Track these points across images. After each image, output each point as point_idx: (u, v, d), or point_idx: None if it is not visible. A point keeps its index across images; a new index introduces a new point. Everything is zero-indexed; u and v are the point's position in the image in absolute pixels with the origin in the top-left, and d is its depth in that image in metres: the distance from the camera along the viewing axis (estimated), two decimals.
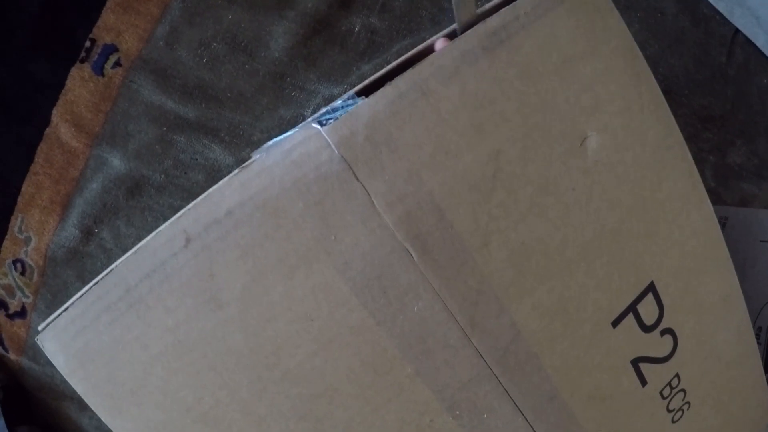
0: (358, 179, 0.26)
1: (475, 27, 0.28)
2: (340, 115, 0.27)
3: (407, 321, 0.28)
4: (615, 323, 0.32)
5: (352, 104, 0.27)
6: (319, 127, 0.26)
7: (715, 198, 0.50)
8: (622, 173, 0.31)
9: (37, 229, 0.50)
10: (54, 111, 0.47)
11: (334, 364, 0.28)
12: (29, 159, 0.48)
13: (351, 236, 0.27)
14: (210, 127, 0.47)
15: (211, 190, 0.27)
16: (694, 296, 0.35)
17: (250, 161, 0.27)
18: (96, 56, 0.46)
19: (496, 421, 0.31)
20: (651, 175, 0.32)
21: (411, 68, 0.27)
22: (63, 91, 0.46)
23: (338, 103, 0.28)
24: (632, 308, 0.33)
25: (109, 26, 0.45)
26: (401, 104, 0.27)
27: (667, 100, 0.37)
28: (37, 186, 0.48)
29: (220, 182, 0.27)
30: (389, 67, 0.28)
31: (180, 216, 0.27)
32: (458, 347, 0.29)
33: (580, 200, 0.30)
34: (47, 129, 0.47)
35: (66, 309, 0.28)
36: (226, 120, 0.47)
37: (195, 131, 0.48)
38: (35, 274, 0.52)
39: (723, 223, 0.48)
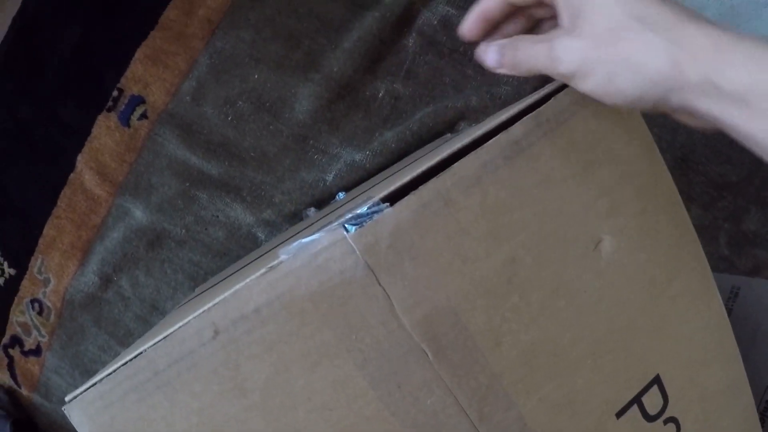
0: (380, 284, 0.29)
1: (498, 136, 0.31)
2: (365, 222, 0.29)
3: (420, 413, 0.31)
4: (619, 414, 0.35)
5: (377, 210, 0.30)
6: (345, 233, 0.29)
7: (729, 265, 0.53)
8: (634, 273, 0.34)
9: (57, 272, 0.53)
10: (79, 157, 0.49)
11: None
12: (52, 202, 0.51)
13: (371, 336, 0.30)
14: (232, 185, 0.50)
15: (239, 286, 0.30)
16: (699, 386, 0.38)
17: (277, 261, 0.29)
18: (123, 106, 0.49)
19: None
20: (663, 273, 0.35)
21: (435, 178, 0.30)
22: (89, 138, 0.49)
23: (364, 209, 0.30)
24: (637, 400, 0.35)
25: (137, 77, 0.48)
26: (424, 214, 0.29)
27: (685, 168, 0.39)
28: (59, 229, 0.51)
29: (249, 279, 0.30)
30: (413, 174, 0.31)
31: (209, 309, 0.30)
32: None
33: (591, 301, 0.33)
34: (72, 174, 0.50)
35: (94, 384, 0.31)
36: (249, 179, 0.50)
37: (217, 188, 0.51)
38: (52, 315, 0.55)
39: (735, 293, 0.51)
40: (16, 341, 0.56)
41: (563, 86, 0.32)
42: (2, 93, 0.49)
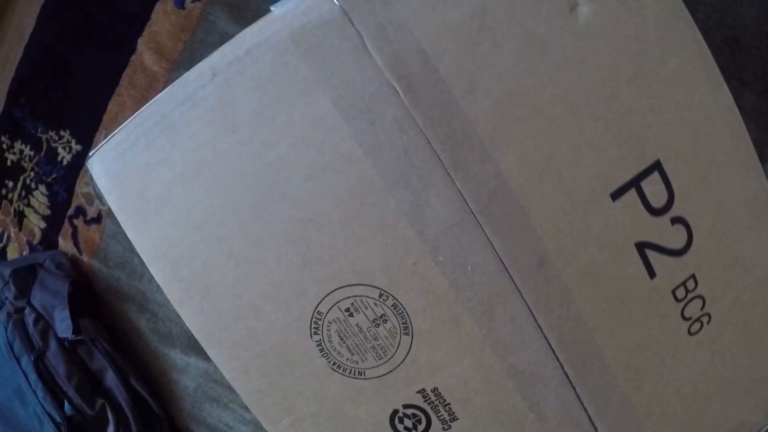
0: (353, 24, 0.34)
1: None
2: None
3: (392, 153, 0.34)
4: (615, 196, 0.35)
5: None
6: None
7: None
8: (619, 43, 0.35)
9: None
10: (139, 40, 0.60)
11: (324, 190, 0.34)
12: (115, 82, 0.61)
13: (345, 73, 0.34)
14: None
15: (236, 35, 0.36)
16: (712, 190, 0.37)
17: (268, 13, 0.35)
18: None
19: (480, 276, 0.35)
20: (653, 50, 0.36)
21: None
22: (149, 23, 0.60)
23: None
24: (635, 183, 0.35)
25: None
26: None
27: (736, 50, 0.40)
28: (121, 106, 0.61)
29: (244, 29, 0.36)
30: None
31: (210, 56, 0.36)
32: (441, 187, 0.34)
33: (571, 61, 0.35)
34: (132, 56, 0.60)
35: (113, 135, 0.38)
36: None
37: None
38: None
39: None
40: (80, 212, 0.65)
41: None
42: None
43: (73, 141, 0.65)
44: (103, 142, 0.38)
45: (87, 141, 0.66)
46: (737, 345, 0.39)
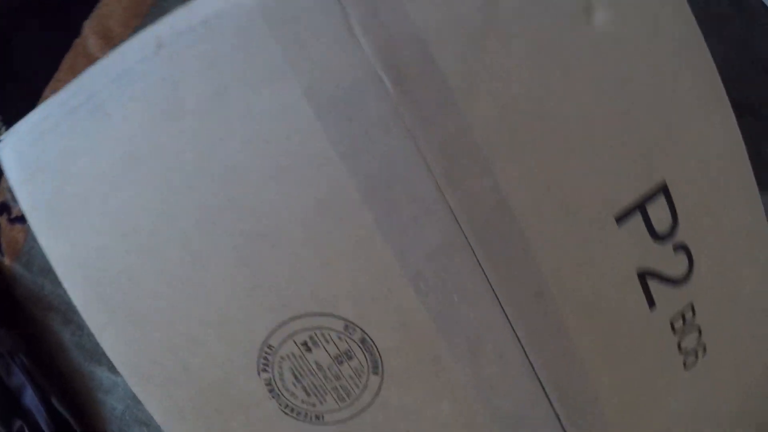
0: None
1: None
2: None
3: (373, 158, 0.25)
4: (620, 219, 0.27)
5: None
6: None
7: None
8: (634, 53, 0.28)
9: None
10: (85, 23, 0.49)
11: (285, 199, 0.25)
12: (55, 66, 0.50)
13: (323, 56, 0.25)
14: None
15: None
16: (715, 218, 0.30)
17: None
18: None
19: (467, 307, 0.26)
20: (667, 66, 0.29)
21: None
22: (98, 4, 0.49)
23: None
24: (641, 206, 0.28)
25: None
26: None
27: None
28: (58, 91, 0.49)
29: None
30: None
31: (156, 24, 0.26)
32: (429, 202, 0.25)
33: (585, 69, 0.27)
34: (76, 39, 0.49)
35: (32, 114, 0.27)
36: None
37: None
38: None
39: None
40: (4, 209, 0.52)
41: None
42: None
43: (4, 128, 0.53)
44: (21, 122, 0.27)
45: None
46: (729, 379, 0.33)
